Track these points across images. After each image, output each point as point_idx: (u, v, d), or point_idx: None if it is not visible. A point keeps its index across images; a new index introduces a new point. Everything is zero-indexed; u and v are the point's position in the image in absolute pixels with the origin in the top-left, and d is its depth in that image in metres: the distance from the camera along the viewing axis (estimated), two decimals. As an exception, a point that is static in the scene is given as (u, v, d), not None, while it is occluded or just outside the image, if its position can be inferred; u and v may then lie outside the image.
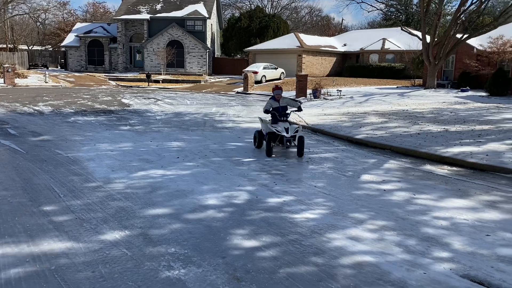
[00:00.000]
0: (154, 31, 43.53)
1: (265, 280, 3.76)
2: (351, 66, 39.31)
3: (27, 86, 29.47)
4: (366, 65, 37.77)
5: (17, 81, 30.43)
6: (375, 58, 38.74)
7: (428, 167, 8.17)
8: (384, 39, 39.04)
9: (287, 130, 8.82)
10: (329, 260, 4.15)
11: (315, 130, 12.50)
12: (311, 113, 15.82)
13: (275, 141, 8.85)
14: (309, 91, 23.40)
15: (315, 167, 8.02)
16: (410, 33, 28.50)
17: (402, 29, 29.59)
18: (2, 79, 29.67)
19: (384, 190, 6.53)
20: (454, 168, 8.05)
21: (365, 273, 3.91)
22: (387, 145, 9.85)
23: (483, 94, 22.40)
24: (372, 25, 66.73)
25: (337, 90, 23.62)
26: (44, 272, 3.82)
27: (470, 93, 23.40)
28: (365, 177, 7.34)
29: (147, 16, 43.40)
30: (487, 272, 3.94)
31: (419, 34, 27.11)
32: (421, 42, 26.26)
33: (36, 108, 16.65)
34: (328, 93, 23.14)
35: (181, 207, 5.60)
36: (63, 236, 4.61)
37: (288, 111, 9.52)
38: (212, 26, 47.25)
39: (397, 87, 28.60)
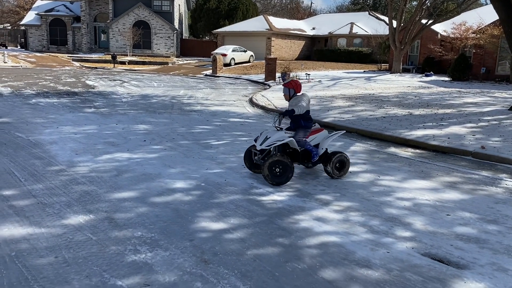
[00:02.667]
0: (119, 10, 42.19)
1: (233, 261, 3.78)
2: (319, 50, 39.52)
3: (-16, 66, 28.10)
4: (334, 49, 38.07)
5: (-27, 60, 28.95)
6: (343, 42, 39.07)
7: (393, 149, 8.37)
8: (352, 24, 39.38)
9: (263, 140, 6.10)
10: (295, 241, 4.21)
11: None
12: (280, 97, 15.84)
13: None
14: (278, 74, 23.41)
15: (283, 150, 8.05)
16: (377, 17, 28.88)
17: (369, 14, 29.93)
18: (-43, 59, 28.17)
19: (350, 172, 6.65)
20: (417, 151, 8.29)
21: (331, 253, 3.99)
22: (354, 128, 10.01)
23: (446, 79, 23.06)
24: (341, 9, 67.11)
25: (306, 74, 23.74)
26: (4, 258, 3.70)
27: (433, 77, 24.04)
28: (332, 159, 7.43)
29: (112, -5, 41.98)
30: (447, 250, 4.10)
31: (386, 19, 27.51)
32: (388, 27, 26.66)
33: (-6, 89, 15.92)
34: (297, 77, 23.20)
35: (148, 191, 5.53)
36: (24, 221, 4.47)
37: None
38: (180, 6, 46.26)
39: (364, 71, 29.02)
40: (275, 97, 15.80)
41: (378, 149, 8.42)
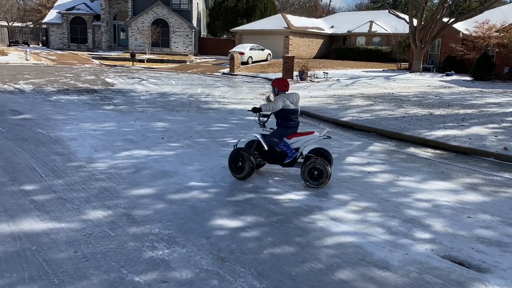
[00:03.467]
0: (138, 9, 42.59)
1: (249, 260, 3.77)
2: (338, 48, 39.19)
3: (7, 63, 28.70)
4: (353, 48, 37.71)
5: (-3, 58, 29.59)
6: (362, 41, 38.69)
7: (412, 150, 8.25)
8: (371, 22, 38.95)
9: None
10: (312, 241, 4.18)
11: (301, 112, 12.47)
12: (297, 95, 15.77)
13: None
14: (295, 73, 23.30)
15: (300, 149, 8.01)
16: (397, 16, 28.48)
17: (389, 12, 29.53)
18: (-19, 56, 28.84)
19: (368, 172, 6.58)
20: (438, 151, 8.14)
21: (348, 253, 3.95)
22: (372, 127, 9.90)
23: (468, 78, 22.61)
24: (360, 7, 66.44)
25: (324, 72, 23.57)
26: (25, 252, 3.77)
27: (455, 77, 23.60)
28: (350, 159, 7.37)
29: (132, -7, 42.40)
30: (468, 253, 4.01)
31: (406, 17, 27.12)
32: (408, 25, 26.27)
33: (17, 86, 16.24)
34: (315, 76, 23.09)
35: (165, 188, 5.56)
36: (44, 216, 4.54)
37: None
38: (198, 5, 46.45)
39: (383, 70, 28.69)
40: (292, 95, 15.73)
41: (397, 149, 8.30)
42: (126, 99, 14.06)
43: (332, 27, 42.17)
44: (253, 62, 33.53)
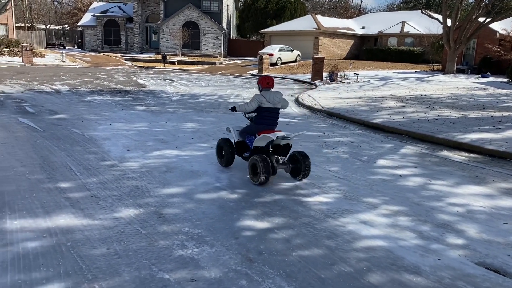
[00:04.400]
0: (170, 11, 43.30)
1: (278, 261, 3.77)
2: (369, 49, 38.67)
3: (45, 65, 29.74)
4: (384, 49, 37.13)
5: (35, 60, 30.72)
6: (394, 42, 38.03)
7: (445, 153, 8.05)
8: (403, 22, 38.25)
9: None
10: (342, 244, 4.14)
11: (330, 113, 12.38)
12: (326, 97, 15.66)
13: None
14: (325, 74, 23.14)
15: (329, 151, 7.96)
16: (430, 16, 27.84)
17: (422, 12, 28.91)
18: (21, 58, 29.99)
19: (400, 175, 6.46)
20: (472, 155, 7.91)
21: (378, 257, 3.89)
22: (404, 130, 9.71)
23: (505, 80, 21.87)
24: (392, 7, 65.32)
25: (354, 73, 23.30)
26: (61, 248, 3.89)
27: (490, 79, 22.87)
28: (381, 162, 7.26)
29: (164, -4, 43.14)
30: (503, 260, 3.89)
31: (440, 17, 26.47)
32: (441, 25, 25.64)
33: (53, 87, 16.81)
34: (345, 77, 22.86)
35: (194, 188, 5.63)
36: (79, 213, 4.68)
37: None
38: (229, 7, 46.80)
39: (415, 71, 28.10)
40: (321, 97, 15.63)
41: (429, 152, 8.12)
42: (158, 100, 14.32)
43: (363, 27, 41.65)
44: (282, 63, 33.49)
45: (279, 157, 6.09)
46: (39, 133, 8.55)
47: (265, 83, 6.19)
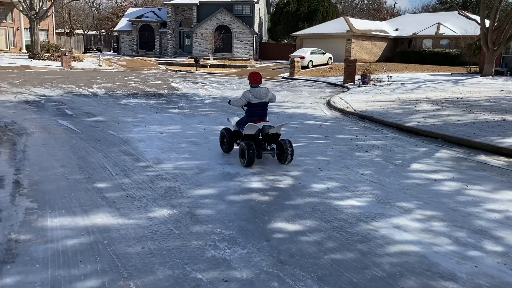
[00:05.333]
0: (203, 16, 43.94)
1: (309, 264, 3.76)
2: (402, 51, 37.93)
3: (83, 69, 30.76)
4: (418, 51, 36.32)
5: (74, 64, 31.82)
6: (429, 44, 37.16)
7: (483, 157, 7.80)
8: (438, 24, 37.33)
9: None
10: (375, 248, 4.09)
11: (363, 117, 12.23)
12: (359, 99, 15.47)
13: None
14: (357, 76, 22.87)
15: (362, 154, 7.87)
16: (467, 17, 27.08)
17: (459, 13, 28.15)
18: (60, 62, 31.13)
19: (435, 180, 6.31)
20: (511, 160, 7.64)
21: (412, 263, 3.82)
22: (439, 133, 9.48)
23: (547, 82, 20.96)
24: (427, 9, 63.93)
25: (388, 76, 22.92)
26: (98, 246, 4.02)
27: (532, 81, 21.97)
28: (415, 166, 7.12)
29: (196, 1, 43.84)
30: (545, 269, 3.73)
31: (478, 18, 25.69)
32: (479, 26, 24.87)
33: (91, 90, 17.36)
34: (378, 79, 22.51)
35: (226, 189, 5.69)
36: (115, 212, 4.82)
37: None
38: (260, 10, 47.02)
39: (451, 74, 27.36)
40: (354, 99, 15.45)
41: (466, 156, 7.89)
42: (190, 103, 14.54)
43: (396, 29, 40.93)
44: (313, 66, 33.35)
45: (268, 144, 7.07)
46: (77, 135, 8.85)
47: (253, 80, 6.99)
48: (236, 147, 7.37)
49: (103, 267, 3.65)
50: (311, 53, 33.78)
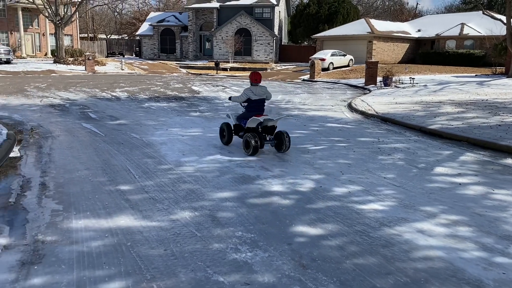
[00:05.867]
0: (223, 19, 44.22)
1: (331, 269, 3.73)
2: (425, 52, 37.35)
3: (105, 73, 31.33)
4: (441, 52, 35.70)
5: (97, 68, 32.44)
6: (452, 45, 36.48)
7: (509, 161, 7.61)
8: (462, 24, 36.61)
9: None
10: (398, 253, 4.03)
11: (385, 119, 12.08)
12: (381, 102, 15.30)
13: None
14: (379, 78, 22.62)
15: (384, 157, 7.77)
16: (492, 17, 26.51)
17: (483, 13, 27.57)
18: (84, 67, 31.78)
19: (459, 183, 6.19)
20: (540, 163, 7.42)
21: (437, 268, 3.75)
22: (464, 136, 9.29)
23: None
24: (450, 9, 62.83)
25: (410, 77, 22.58)
26: (121, 247, 4.08)
27: (560, 82, 21.32)
28: (439, 169, 6.99)
29: (217, 5, 44.16)
30: None
31: (503, 18, 25.09)
32: (505, 26, 24.29)
33: (114, 94, 17.66)
34: (400, 81, 22.22)
35: (247, 192, 5.70)
36: (137, 214, 4.89)
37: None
38: (280, 13, 47.03)
39: (476, 75, 26.79)
40: (375, 102, 15.28)
41: (492, 160, 7.70)
42: (211, 106, 14.64)
43: (419, 30, 40.34)
44: (334, 68, 33.16)
45: (267, 135, 7.92)
46: (101, 138, 9.01)
47: (254, 79, 7.83)
48: (236, 143, 8.15)
49: (127, 269, 3.70)
50: (332, 55, 33.60)
